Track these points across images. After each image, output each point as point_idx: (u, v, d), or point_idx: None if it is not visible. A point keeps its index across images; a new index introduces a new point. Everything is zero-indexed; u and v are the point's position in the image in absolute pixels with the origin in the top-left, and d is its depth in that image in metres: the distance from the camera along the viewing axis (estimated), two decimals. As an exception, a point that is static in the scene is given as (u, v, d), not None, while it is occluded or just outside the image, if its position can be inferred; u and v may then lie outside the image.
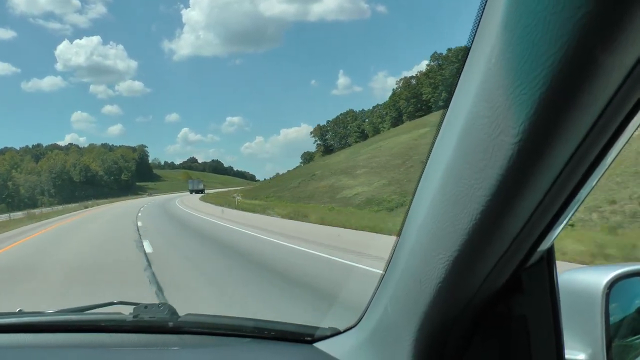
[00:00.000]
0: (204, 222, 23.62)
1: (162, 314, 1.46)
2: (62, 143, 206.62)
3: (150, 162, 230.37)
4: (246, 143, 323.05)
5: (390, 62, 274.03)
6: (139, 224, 21.97)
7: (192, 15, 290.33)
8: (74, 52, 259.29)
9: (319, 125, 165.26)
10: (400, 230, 0.93)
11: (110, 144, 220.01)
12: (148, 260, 10.24)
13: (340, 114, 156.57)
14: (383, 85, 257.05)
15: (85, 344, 1.43)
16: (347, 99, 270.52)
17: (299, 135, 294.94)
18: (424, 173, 0.82)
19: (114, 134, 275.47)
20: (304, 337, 1.41)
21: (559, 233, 0.75)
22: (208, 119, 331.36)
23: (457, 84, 0.70)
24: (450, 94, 0.72)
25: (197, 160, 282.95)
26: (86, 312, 1.61)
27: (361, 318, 1.18)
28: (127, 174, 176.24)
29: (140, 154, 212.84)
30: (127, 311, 1.50)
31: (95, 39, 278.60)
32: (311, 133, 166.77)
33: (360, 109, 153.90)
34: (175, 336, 1.44)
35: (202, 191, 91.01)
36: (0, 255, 13.69)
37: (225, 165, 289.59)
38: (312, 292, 7.07)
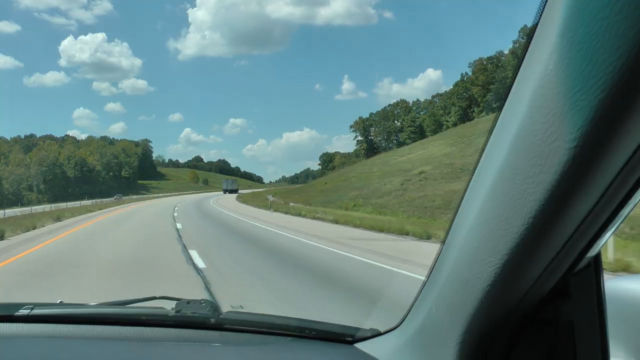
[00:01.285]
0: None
1: (204, 310, 1.46)
2: (58, 135, 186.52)
3: (153, 159, 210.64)
4: (248, 145, 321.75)
5: (396, 69, 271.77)
6: None
7: (198, 14, 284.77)
8: (78, 48, 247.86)
9: (360, 118, 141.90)
10: (447, 232, 0.93)
11: (112, 137, 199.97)
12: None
13: (389, 105, 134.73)
14: (388, 92, 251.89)
15: (126, 337, 1.44)
16: (352, 105, 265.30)
17: (301, 139, 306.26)
18: (474, 177, 0.82)
19: (116, 132, 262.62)
20: (345, 337, 1.41)
21: (607, 239, 0.74)
22: (211, 120, 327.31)
23: (511, 89, 0.70)
24: (504, 98, 0.72)
25: (202, 159, 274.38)
26: (128, 305, 1.60)
27: (403, 320, 1.18)
28: (128, 170, 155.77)
29: (144, 148, 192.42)
30: (169, 306, 1.50)
31: (100, 35, 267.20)
32: (351, 127, 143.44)
33: (415, 99, 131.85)
34: (216, 333, 1.45)
35: (236, 191, 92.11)
36: None
37: (232, 166, 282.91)
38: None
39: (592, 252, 0.75)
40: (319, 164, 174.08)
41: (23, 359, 1.32)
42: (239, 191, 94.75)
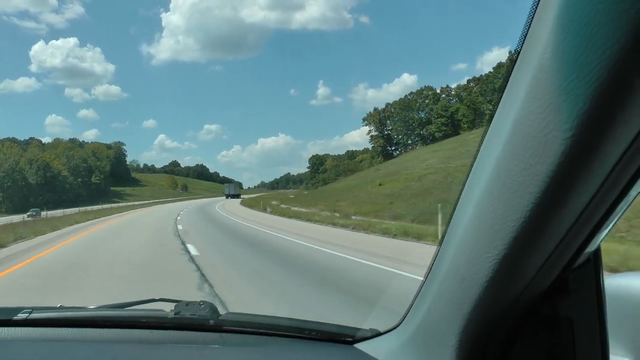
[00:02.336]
0: None
1: (203, 311, 1.46)
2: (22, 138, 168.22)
3: (127, 163, 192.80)
4: (223, 151, 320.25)
5: (371, 74, 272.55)
6: None
7: (172, 19, 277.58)
8: (49, 53, 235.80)
9: (376, 109, 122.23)
10: (446, 229, 0.92)
11: (81, 140, 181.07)
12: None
13: (410, 94, 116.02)
14: (363, 97, 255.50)
15: (125, 340, 1.44)
16: (327, 110, 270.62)
17: (276, 145, 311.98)
18: (472, 171, 0.82)
19: (89, 138, 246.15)
20: (344, 337, 1.41)
21: (606, 234, 0.74)
22: (185, 126, 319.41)
23: (508, 79, 0.70)
24: (501, 91, 0.72)
25: (179, 164, 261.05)
26: (127, 308, 1.60)
27: (402, 320, 1.18)
28: (99, 175, 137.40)
29: (117, 152, 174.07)
30: (168, 308, 1.50)
31: (72, 40, 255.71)
32: (364, 120, 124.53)
33: (445, 85, 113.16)
34: (215, 334, 1.45)
35: (238, 196, 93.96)
36: None
37: (211, 170, 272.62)
38: None
39: (591, 247, 0.75)
40: (308, 167, 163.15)
41: None
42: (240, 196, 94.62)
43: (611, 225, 0.70)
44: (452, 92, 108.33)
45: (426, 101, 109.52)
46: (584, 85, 0.53)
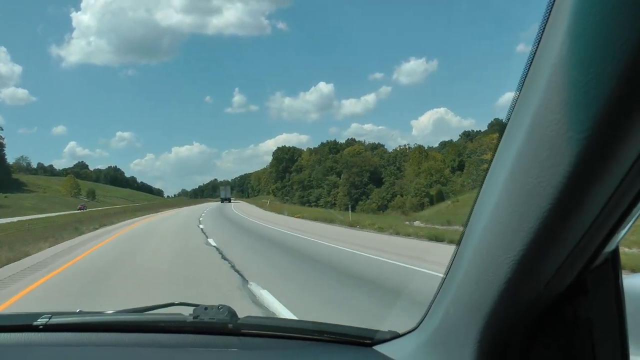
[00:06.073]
0: None
1: (221, 315, 1.47)
2: None
3: (12, 161, 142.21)
4: (136, 160, 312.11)
5: (288, 82, 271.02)
6: None
7: (82, 19, 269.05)
8: None
9: None
10: (464, 231, 0.92)
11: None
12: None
13: None
14: (280, 105, 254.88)
15: (144, 344, 1.46)
16: (242, 118, 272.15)
17: (191, 154, 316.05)
18: (489, 172, 0.81)
19: None
20: (363, 340, 1.42)
21: (624, 234, 0.72)
22: (97, 132, 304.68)
23: (524, 80, 0.69)
24: (518, 91, 0.71)
25: (87, 166, 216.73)
26: (146, 312, 1.62)
27: (421, 321, 1.18)
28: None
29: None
30: (187, 312, 1.51)
31: None
32: None
33: None
34: (234, 338, 1.46)
35: (229, 200, 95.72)
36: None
37: (127, 175, 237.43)
38: None
39: (609, 248, 0.74)
40: (273, 160, 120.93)
41: None
42: (232, 201, 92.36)
43: (629, 225, 0.69)
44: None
45: None
46: (602, 83, 0.53)
